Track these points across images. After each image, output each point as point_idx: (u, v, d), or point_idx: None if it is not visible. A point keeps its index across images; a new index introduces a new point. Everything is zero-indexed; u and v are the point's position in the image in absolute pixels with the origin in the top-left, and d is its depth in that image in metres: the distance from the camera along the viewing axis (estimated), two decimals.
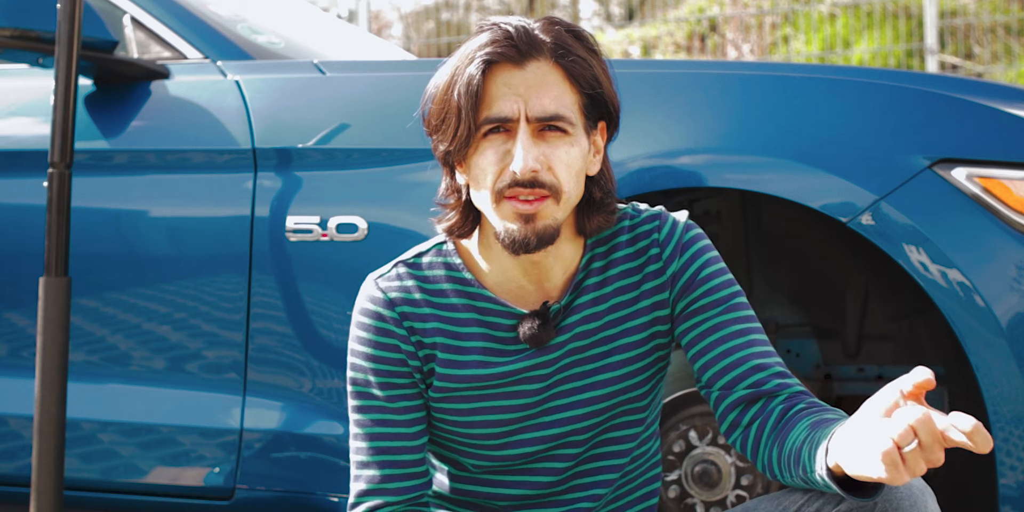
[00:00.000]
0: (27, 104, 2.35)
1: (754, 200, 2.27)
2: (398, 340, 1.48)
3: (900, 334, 2.35)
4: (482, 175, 1.39)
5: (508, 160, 1.37)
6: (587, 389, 1.51)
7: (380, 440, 1.48)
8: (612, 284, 1.51)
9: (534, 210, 1.37)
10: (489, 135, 1.39)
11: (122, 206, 2.21)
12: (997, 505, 1.80)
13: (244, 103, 2.16)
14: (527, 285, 1.48)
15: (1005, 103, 1.88)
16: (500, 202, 1.39)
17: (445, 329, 1.48)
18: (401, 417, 1.48)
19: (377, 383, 1.48)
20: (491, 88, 1.37)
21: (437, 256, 1.51)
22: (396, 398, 1.48)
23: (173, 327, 2.15)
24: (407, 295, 1.49)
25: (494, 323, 1.49)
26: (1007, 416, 1.78)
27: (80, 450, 2.18)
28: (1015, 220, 1.79)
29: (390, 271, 1.51)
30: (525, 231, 1.38)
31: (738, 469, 2.00)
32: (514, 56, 1.37)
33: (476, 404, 1.50)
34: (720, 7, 9.05)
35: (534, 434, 1.51)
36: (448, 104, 1.39)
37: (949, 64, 7.88)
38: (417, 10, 10.76)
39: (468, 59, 1.38)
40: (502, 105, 1.37)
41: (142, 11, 2.33)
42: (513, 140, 1.38)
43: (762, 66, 2.36)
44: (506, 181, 1.37)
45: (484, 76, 1.37)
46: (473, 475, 1.56)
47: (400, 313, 1.48)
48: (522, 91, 1.37)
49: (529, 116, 1.37)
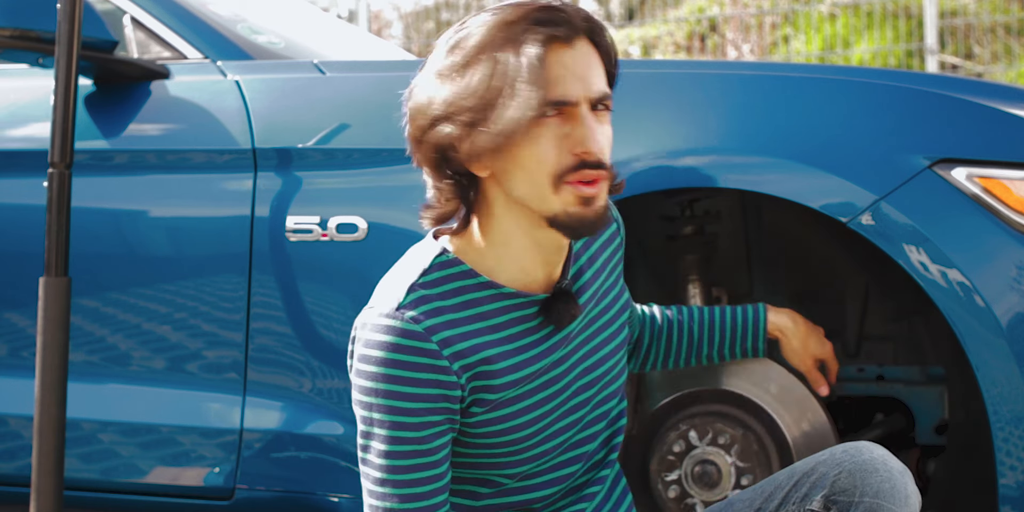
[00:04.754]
0: (27, 104, 2.34)
1: (754, 200, 2.27)
2: (439, 373, 1.36)
3: (900, 334, 2.34)
4: (536, 163, 1.33)
5: (567, 143, 1.33)
6: (599, 365, 1.53)
7: (413, 486, 1.37)
8: (598, 259, 1.57)
9: (598, 191, 1.35)
10: (544, 120, 1.32)
11: (122, 206, 2.21)
12: (997, 505, 1.80)
13: (244, 103, 2.16)
14: (540, 275, 1.46)
15: (1005, 103, 1.88)
16: (560, 187, 1.34)
17: (486, 340, 1.41)
18: (435, 458, 1.38)
19: (411, 424, 1.36)
20: (548, 70, 1.31)
21: (444, 269, 1.42)
22: (431, 437, 1.37)
23: (173, 327, 2.15)
24: (439, 319, 1.38)
25: (520, 316, 1.45)
26: (1007, 416, 1.78)
27: (80, 450, 2.18)
28: (1015, 220, 1.79)
29: (408, 298, 1.38)
30: (587, 213, 1.35)
31: (738, 469, 2.00)
32: (567, 34, 1.33)
33: (523, 402, 1.45)
34: (720, 7, 9.05)
35: (567, 420, 1.50)
36: (497, 92, 1.30)
37: (949, 64, 7.88)
38: (417, 10, 10.75)
39: (511, 41, 1.30)
40: (565, 87, 1.32)
41: (142, 11, 2.33)
42: (571, 123, 1.33)
43: (762, 66, 2.36)
44: (569, 164, 1.33)
45: (544, 57, 1.30)
46: (502, 487, 1.51)
47: (439, 342, 1.37)
48: (580, 71, 1.33)
49: (591, 97, 1.34)
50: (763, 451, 2.00)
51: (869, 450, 1.43)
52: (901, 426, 2.24)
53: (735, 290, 2.36)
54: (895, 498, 1.38)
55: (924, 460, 2.28)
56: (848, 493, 1.39)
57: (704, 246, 2.22)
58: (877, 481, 1.38)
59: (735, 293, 2.36)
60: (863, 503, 1.38)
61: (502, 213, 1.40)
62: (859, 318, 2.36)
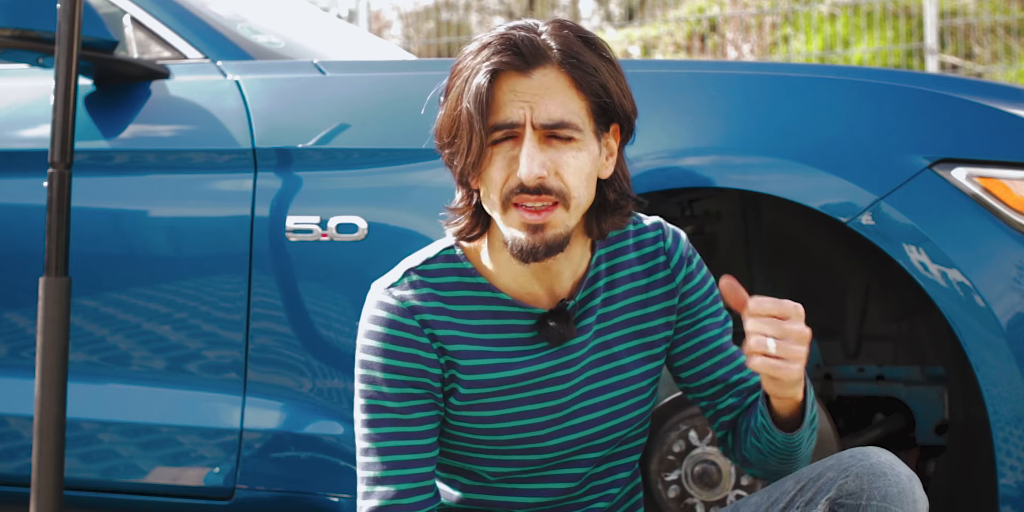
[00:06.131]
0: (27, 104, 2.34)
1: (754, 200, 2.27)
2: (418, 348, 1.45)
3: (900, 334, 2.35)
4: (491, 183, 1.39)
5: (515, 167, 1.37)
6: (609, 390, 1.53)
7: (394, 454, 1.44)
8: (621, 286, 1.54)
9: (542, 220, 1.37)
10: (498, 143, 1.38)
11: (122, 206, 2.21)
12: (997, 505, 1.80)
13: (244, 103, 2.16)
14: (538, 289, 1.48)
15: (1005, 103, 1.88)
16: (508, 210, 1.38)
17: (465, 336, 1.47)
18: (416, 429, 1.45)
19: (393, 394, 1.44)
20: (498, 96, 1.37)
21: (447, 262, 1.49)
22: (412, 409, 1.45)
23: (173, 327, 2.15)
24: (425, 302, 1.46)
25: (513, 325, 1.48)
26: (1007, 416, 1.78)
27: (80, 450, 2.18)
28: (1015, 220, 1.79)
29: (402, 279, 1.48)
30: (533, 241, 1.38)
31: (738, 469, 2.00)
32: (519, 64, 1.36)
33: (503, 410, 1.49)
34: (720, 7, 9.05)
35: (560, 439, 1.51)
36: (459, 117, 1.38)
37: (949, 64, 7.88)
38: (417, 10, 10.76)
39: (474, 71, 1.38)
40: (508, 111, 1.36)
41: (142, 11, 2.33)
42: (520, 147, 1.37)
43: (762, 66, 2.36)
44: (512, 187, 1.37)
45: (491, 85, 1.36)
46: (489, 484, 1.54)
47: (420, 321, 1.45)
48: (528, 98, 1.36)
49: (535, 123, 1.36)
50: None
51: (876, 454, 1.42)
52: (901, 426, 2.24)
53: None
54: (903, 502, 1.36)
55: (924, 460, 2.28)
56: (855, 497, 1.38)
57: (704, 246, 2.22)
58: (884, 485, 1.37)
59: None
60: (870, 507, 1.37)
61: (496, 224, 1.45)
62: (859, 318, 2.36)
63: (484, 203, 1.43)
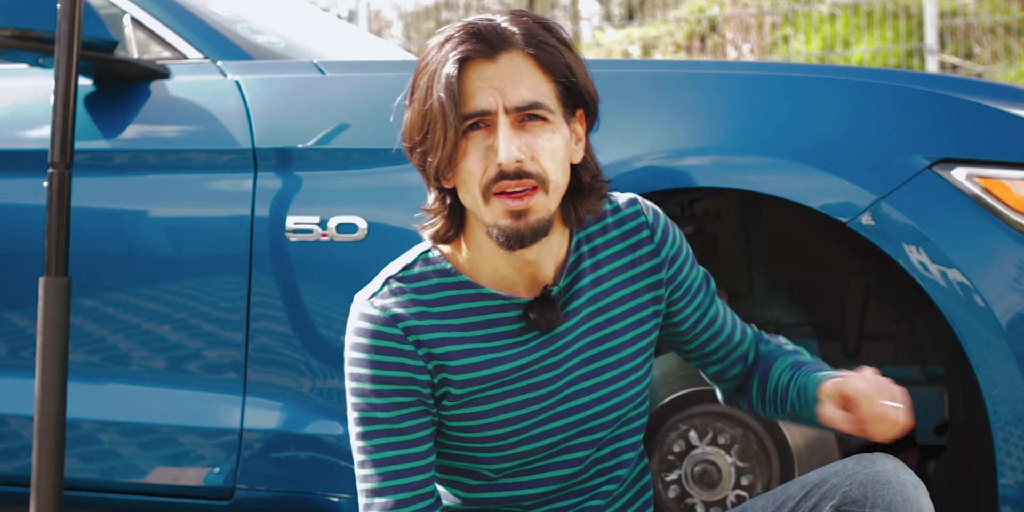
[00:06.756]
0: (27, 104, 2.34)
1: (754, 200, 2.27)
2: (404, 356, 1.44)
3: (900, 334, 2.35)
4: (469, 176, 1.39)
5: (492, 156, 1.37)
6: (602, 371, 1.53)
7: (390, 464, 1.44)
8: (607, 266, 1.54)
9: (525, 206, 1.37)
10: (470, 133, 1.38)
11: (122, 206, 2.21)
12: (997, 505, 1.80)
13: (244, 103, 2.16)
14: (521, 281, 1.48)
15: (1005, 103, 1.88)
16: (490, 200, 1.38)
17: (453, 336, 1.47)
18: (409, 437, 1.45)
19: (383, 404, 1.44)
20: (467, 85, 1.37)
21: (425, 265, 1.49)
22: (403, 418, 1.45)
23: (173, 327, 2.15)
24: (407, 309, 1.46)
25: (501, 318, 1.48)
26: (1007, 416, 1.78)
27: (80, 450, 2.18)
28: (1015, 220, 1.79)
29: (382, 288, 1.48)
30: (518, 225, 1.38)
31: (738, 469, 2.00)
32: (485, 50, 1.37)
33: (496, 403, 1.49)
34: (720, 7, 9.05)
35: (555, 424, 1.51)
36: (430, 110, 1.38)
37: (949, 64, 7.88)
38: (417, 10, 10.76)
39: (440, 63, 1.38)
40: (479, 99, 1.36)
41: (142, 11, 2.33)
42: (494, 135, 1.37)
43: (762, 66, 2.36)
44: (492, 176, 1.37)
45: (459, 74, 1.36)
46: (492, 481, 1.54)
47: (404, 328, 1.45)
48: (497, 83, 1.37)
49: (507, 106, 1.36)
50: (763, 451, 2.00)
51: (882, 462, 1.42)
52: None
53: (735, 290, 2.36)
54: (907, 511, 1.36)
55: (924, 460, 2.28)
56: (859, 504, 1.38)
57: (704, 246, 2.22)
58: (889, 493, 1.37)
59: (735, 293, 2.37)
60: None
61: (474, 220, 1.46)
62: (859, 318, 2.37)
63: (463, 199, 1.43)
